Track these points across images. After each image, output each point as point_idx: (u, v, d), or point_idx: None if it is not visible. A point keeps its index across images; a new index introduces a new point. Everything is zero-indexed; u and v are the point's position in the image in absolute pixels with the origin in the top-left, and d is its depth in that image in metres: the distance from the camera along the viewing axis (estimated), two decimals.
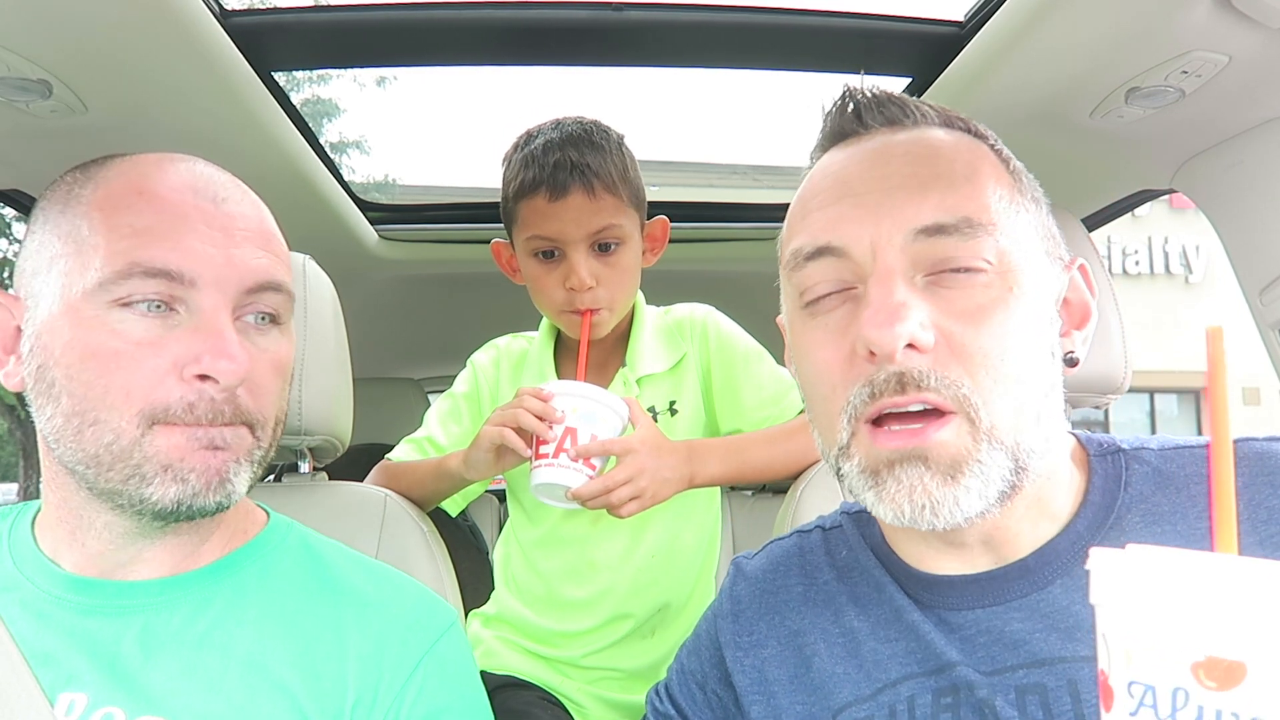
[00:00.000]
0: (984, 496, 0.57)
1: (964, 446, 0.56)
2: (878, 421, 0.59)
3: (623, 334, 1.28)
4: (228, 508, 0.67)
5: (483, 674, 1.28)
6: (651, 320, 1.30)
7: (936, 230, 0.58)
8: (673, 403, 1.26)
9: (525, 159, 1.17)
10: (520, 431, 1.05)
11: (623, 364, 1.27)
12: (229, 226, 0.67)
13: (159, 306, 0.64)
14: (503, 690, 1.24)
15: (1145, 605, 0.37)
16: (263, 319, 0.69)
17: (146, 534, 0.68)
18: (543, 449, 1.03)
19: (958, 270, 0.58)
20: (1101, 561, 0.39)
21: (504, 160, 1.23)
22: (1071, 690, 0.57)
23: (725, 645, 0.76)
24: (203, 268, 0.64)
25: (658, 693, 0.83)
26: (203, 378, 0.63)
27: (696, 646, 0.80)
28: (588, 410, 1.04)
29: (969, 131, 0.66)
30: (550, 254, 1.18)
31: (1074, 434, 0.68)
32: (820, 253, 0.61)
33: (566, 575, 1.25)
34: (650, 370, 1.25)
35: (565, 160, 1.14)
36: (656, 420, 1.25)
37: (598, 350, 1.27)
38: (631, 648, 1.25)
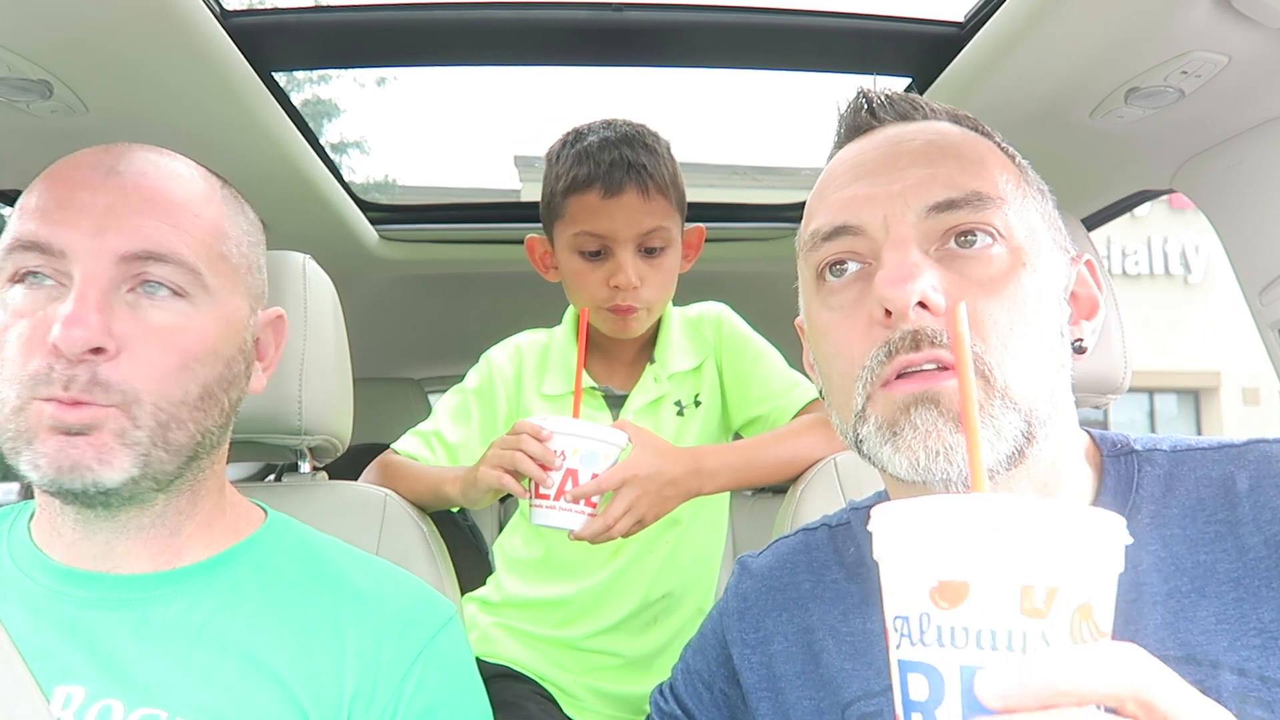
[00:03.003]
0: (995, 449, 0.57)
1: (977, 397, 0.56)
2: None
3: (650, 331, 1.29)
4: (116, 491, 0.65)
5: (477, 661, 1.28)
6: (676, 318, 1.32)
7: (947, 205, 0.60)
8: (696, 395, 1.28)
9: (579, 155, 1.17)
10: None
11: (651, 360, 1.28)
12: (114, 196, 0.66)
13: (45, 280, 0.65)
14: (497, 680, 1.24)
15: (897, 546, 0.42)
16: (155, 290, 0.66)
17: (95, 522, 0.69)
18: (543, 489, 1.02)
19: (967, 236, 0.60)
20: (876, 519, 0.43)
21: (548, 156, 1.23)
22: None
23: (732, 643, 0.76)
24: (71, 238, 0.64)
25: (662, 693, 0.83)
26: (57, 345, 0.63)
27: (702, 645, 0.80)
28: (589, 450, 1.02)
29: (975, 129, 0.68)
30: (596, 252, 1.18)
31: (1088, 431, 0.68)
32: (837, 232, 0.63)
33: (578, 561, 1.25)
34: (679, 368, 1.27)
35: (622, 159, 1.14)
36: (683, 414, 1.26)
37: (627, 348, 1.28)
38: (632, 634, 1.26)
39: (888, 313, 0.58)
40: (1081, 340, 0.65)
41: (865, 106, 0.69)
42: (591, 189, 1.14)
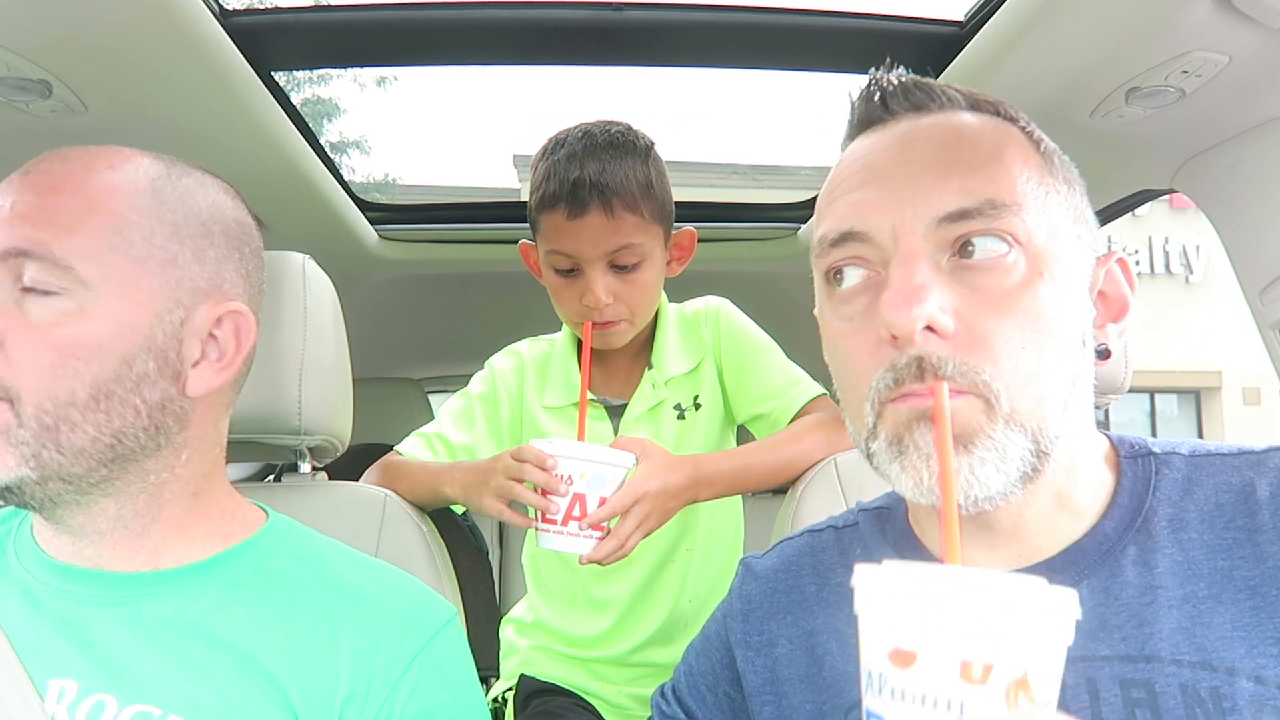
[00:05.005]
0: (1003, 472, 0.56)
1: (977, 421, 0.56)
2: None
3: (647, 336, 1.28)
4: (12, 490, 0.65)
5: (522, 678, 1.30)
6: (673, 319, 1.30)
7: (959, 216, 0.57)
8: (696, 397, 1.27)
9: (548, 170, 1.15)
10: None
11: (649, 365, 1.27)
12: (13, 197, 0.66)
13: None
14: (539, 695, 1.26)
15: (868, 609, 0.47)
16: (37, 286, 0.65)
17: (55, 525, 0.69)
18: (549, 515, 1.01)
19: (980, 246, 0.57)
20: (857, 578, 0.48)
21: (531, 164, 1.21)
22: (1090, 689, 0.57)
23: (736, 645, 0.75)
24: None
25: (664, 695, 0.82)
26: None
27: (706, 647, 0.80)
28: (596, 474, 1.00)
29: (997, 114, 0.64)
30: (570, 270, 1.17)
31: (1105, 434, 0.67)
32: (845, 238, 0.61)
33: (603, 574, 1.25)
34: (676, 371, 1.26)
35: (585, 179, 1.11)
36: (683, 418, 1.25)
37: (623, 354, 1.27)
38: (669, 642, 1.26)
39: (894, 335, 0.57)
40: (1105, 344, 0.63)
41: (878, 96, 0.66)
42: (557, 209, 1.13)
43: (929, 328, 0.56)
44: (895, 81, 0.65)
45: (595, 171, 1.11)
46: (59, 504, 0.68)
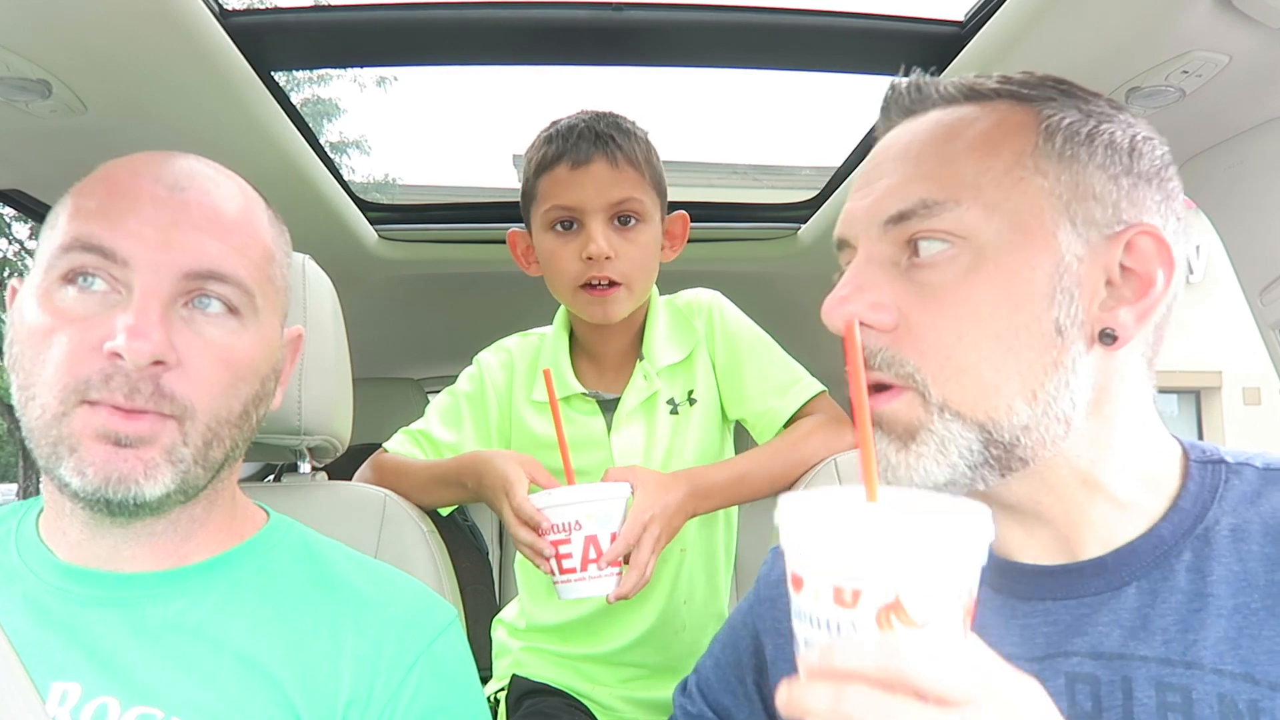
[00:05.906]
0: (945, 464, 0.58)
1: (915, 416, 0.59)
2: None
3: (638, 327, 1.27)
4: (149, 504, 0.65)
5: (514, 679, 1.30)
6: (663, 309, 1.29)
7: (900, 218, 0.60)
8: (690, 392, 1.25)
9: (548, 137, 1.18)
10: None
11: (640, 357, 1.26)
12: (178, 212, 0.67)
13: (96, 283, 0.65)
14: (531, 695, 1.26)
15: (784, 535, 0.49)
16: (208, 305, 0.67)
17: (106, 527, 0.69)
18: (566, 564, 1.01)
19: (918, 245, 0.59)
20: (781, 504, 0.50)
21: (527, 150, 1.22)
22: (1125, 687, 0.57)
23: (764, 633, 0.75)
24: (137, 248, 0.65)
25: (687, 694, 0.82)
26: (118, 354, 0.63)
27: (733, 639, 0.80)
28: (601, 511, 1.01)
29: (998, 95, 0.62)
30: (569, 224, 1.17)
31: (1177, 439, 0.66)
32: (839, 245, 0.67)
33: None
34: (668, 361, 1.24)
35: (589, 132, 1.15)
36: (676, 412, 1.24)
37: (614, 346, 1.26)
38: (661, 643, 1.26)
39: None
40: (1110, 329, 0.58)
41: (883, 105, 0.69)
42: (560, 163, 1.15)
43: (866, 324, 0.59)
44: (899, 88, 0.67)
45: (600, 128, 1.16)
46: (154, 513, 0.68)
